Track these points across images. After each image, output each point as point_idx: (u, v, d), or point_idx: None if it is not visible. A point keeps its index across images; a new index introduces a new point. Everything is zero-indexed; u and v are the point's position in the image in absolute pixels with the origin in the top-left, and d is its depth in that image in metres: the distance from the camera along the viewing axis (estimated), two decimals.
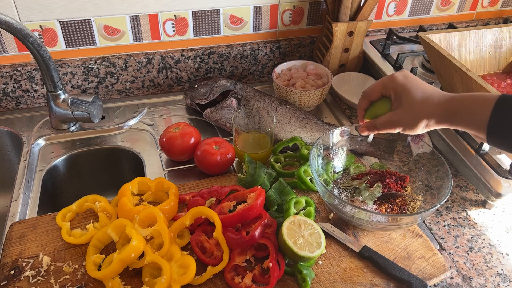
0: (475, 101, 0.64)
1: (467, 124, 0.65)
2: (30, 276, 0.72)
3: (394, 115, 0.72)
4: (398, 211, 0.84)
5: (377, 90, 0.75)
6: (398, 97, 0.72)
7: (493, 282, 0.78)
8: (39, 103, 1.16)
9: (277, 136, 1.03)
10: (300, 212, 0.83)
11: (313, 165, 0.82)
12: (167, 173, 0.98)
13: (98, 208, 0.82)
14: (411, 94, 0.70)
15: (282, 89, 1.10)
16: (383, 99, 0.75)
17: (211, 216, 0.77)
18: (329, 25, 1.20)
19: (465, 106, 0.65)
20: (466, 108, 0.65)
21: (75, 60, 1.15)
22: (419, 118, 0.69)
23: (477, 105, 0.64)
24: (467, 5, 1.45)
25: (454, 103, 0.66)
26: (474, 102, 0.64)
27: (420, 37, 1.03)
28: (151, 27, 1.17)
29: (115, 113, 1.13)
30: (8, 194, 1.13)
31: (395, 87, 0.72)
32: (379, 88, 0.75)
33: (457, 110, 0.66)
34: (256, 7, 1.22)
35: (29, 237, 0.78)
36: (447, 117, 0.67)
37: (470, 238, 0.85)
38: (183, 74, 1.26)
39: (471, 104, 0.64)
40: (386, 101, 0.74)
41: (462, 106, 0.65)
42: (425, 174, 0.87)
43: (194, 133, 0.96)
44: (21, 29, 0.86)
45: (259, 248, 0.77)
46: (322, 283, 0.73)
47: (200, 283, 0.72)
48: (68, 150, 1.03)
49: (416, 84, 0.71)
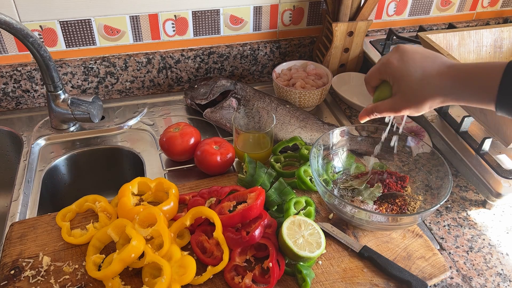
0: (481, 71, 0.60)
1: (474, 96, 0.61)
2: (30, 276, 0.72)
3: (395, 102, 0.69)
4: (398, 211, 0.84)
5: (374, 77, 0.72)
6: (397, 83, 0.68)
7: (493, 282, 0.78)
8: (39, 103, 1.16)
9: (277, 136, 1.03)
10: (300, 212, 0.83)
11: (313, 165, 0.82)
12: (167, 173, 0.98)
13: (98, 208, 0.82)
14: (409, 78, 0.66)
15: (282, 89, 1.10)
16: (383, 83, 0.72)
17: (211, 216, 0.77)
18: (329, 25, 1.20)
19: (470, 78, 0.61)
20: (472, 80, 0.61)
21: (75, 60, 1.15)
22: (422, 100, 0.65)
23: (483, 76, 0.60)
24: (467, 5, 1.45)
25: (458, 77, 0.62)
26: (479, 72, 0.60)
27: (420, 37, 1.03)
28: (151, 27, 1.17)
29: (115, 113, 1.13)
30: (8, 194, 1.13)
31: (391, 73, 0.68)
32: (375, 75, 0.72)
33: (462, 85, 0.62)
34: (256, 7, 1.22)
35: (29, 237, 0.78)
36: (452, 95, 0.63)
37: (470, 238, 0.85)
38: (183, 74, 1.26)
39: (476, 76, 0.61)
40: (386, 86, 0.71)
41: (467, 79, 0.61)
42: (425, 174, 0.87)
43: (194, 133, 0.96)
44: (21, 29, 0.86)
45: (259, 248, 0.77)
46: (322, 283, 0.73)
47: (200, 283, 0.72)
48: (68, 150, 1.03)
49: (414, 64, 0.66)
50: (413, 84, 0.66)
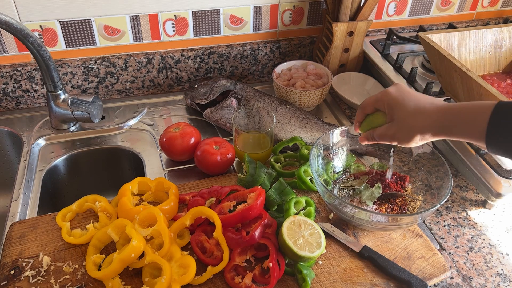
0: (471, 111, 0.63)
1: (464, 134, 0.64)
2: (30, 276, 0.72)
3: (388, 129, 0.72)
4: (398, 211, 0.84)
5: (370, 104, 0.75)
6: (391, 111, 0.71)
7: (493, 282, 0.78)
8: (39, 103, 1.16)
9: (277, 136, 1.03)
10: (300, 212, 0.83)
11: (313, 165, 0.82)
12: (167, 173, 0.98)
13: (98, 208, 0.82)
14: (403, 107, 0.69)
15: (282, 89, 1.10)
16: (377, 112, 0.75)
17: (211, 216, 0.77)
18: (329, 25, 1.20)
19: (461, 117, 0.64)
20: (462, 119, 0.63)
21: (75, 60, 1.15)
22: (412, 132, 0.68)
23: (473, 115, 0.62)
24: (467, 5, 1.45)
25: (449, 115, 0.65)
26: (470, 112, 0.63)
27: (420, 37, 1.03)
28: (151, 27, 1.17)
29: (115, 113, 1.13)
30: (8, 194, 1.13)
31: (388, 101, 0.71)
32: (372, 102, 0.75)
33: (453, 122, 0.64)
34: (256, 7, 1.22)
35: (29, 237, 0.78)
36: (443, 129, 0.66)
37: (470, 238, 0.85)
38: (183, 74, 1.26)
39: (467, 115, 0.63)
40: (380, 115, 0.75)
41: (458, 118, 0.64)
42: (425, 174, 0.87)
43: (194, 133, 0.96)
44: (21, 29, 0.86)
45: (259, 248, 0.77)
46: (322, 283, 0.73)
47: (200, 283, 0.72)
48: (68, 150, 1.03)
49: (409, 96, 0.70)
50: (406, 114, 0.69)
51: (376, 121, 0.75)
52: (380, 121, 0.74)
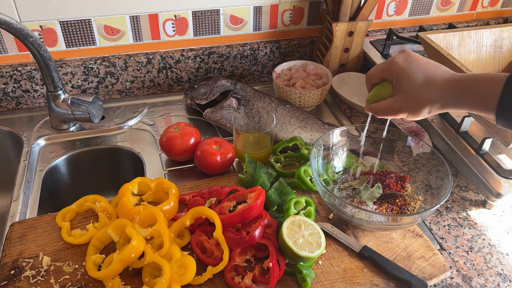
0: (482, 83, 0.61)
1: (474, 107, 0.62)
2: (30, 276, 0.72)
3: (395, 102, 0.69)
4: (398, 211, 0.84)
5: (376, 74, 0.72)
6: (398, 82, 0.68)
7: (493, 282, 0.78)
8: (39, 103, 1.16)
9: (277, 136, 1.03)
10: (300, 212, 0.83)
11: (313, 165, 0.82)
12: (167, 173, 0.98)
13: (98, 208, 0.82)
14: (412, 79, 0.66)
15: (282, 89, 1.10)
16: (383, 82, 0.72)
17: (211, 216, 0.77)
18: (329, 25, 1.20)
19: (471, 89, 0.62)
20: (473, 91, 0.61)
21: (75, 60, 1.16)
22: (422, 104, 0.66)
23: (485, 87, 0.60)
24: (467, 5, 1.45)
25: (459, 86, 0.63)
26: (481, 84, 0.61)
27: (420, 37, 1.03)
28: (151, 27, 1.17)
29: (115, 113, 1.13)
30: (8, 194, 1.13)
31: (396, 72, 0.68)
32: (378, 72, 0.72)
33: (463, 94, 0.62)
34: (256, 7, 1.22)
35: (29, 237, 0.78)
36: (453, 102, 0.64)
37: (470, 238, 0.85)
38: (183, 74, 1.26)
39: (478, 87, 0.61)
40: (386, 86, 0.72)
41: (468, 90, 0.62)
42: (425, 174, 0.87)
43: (194, 133, 0.96)
44: (21, 29, 0.86)
45: (259, 248, 0.77)
46: (322, 283, 0.73)
47: (200, 283, 0.72)
48: (68, 150, 1.03)
49: (418, 67, 0.67)
50: (415, 86, 0.66)
51: (382, 92, 0.72)
52: (387, 92, 0.71)
